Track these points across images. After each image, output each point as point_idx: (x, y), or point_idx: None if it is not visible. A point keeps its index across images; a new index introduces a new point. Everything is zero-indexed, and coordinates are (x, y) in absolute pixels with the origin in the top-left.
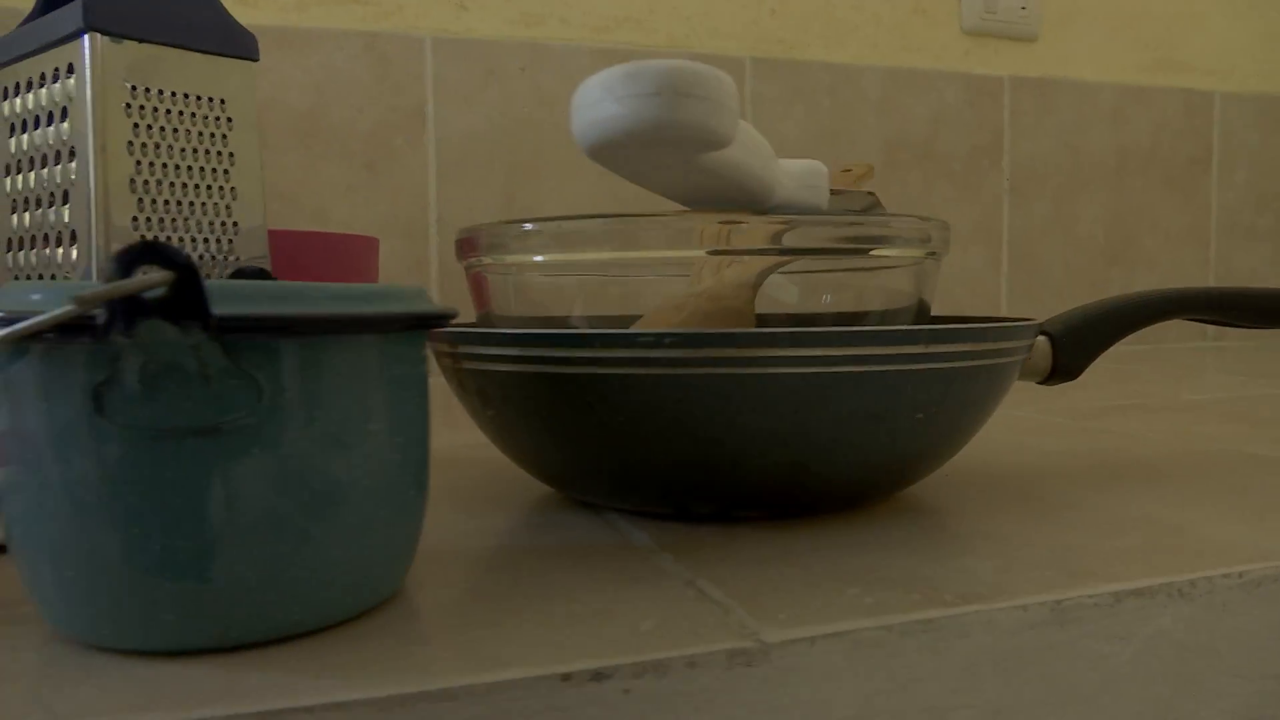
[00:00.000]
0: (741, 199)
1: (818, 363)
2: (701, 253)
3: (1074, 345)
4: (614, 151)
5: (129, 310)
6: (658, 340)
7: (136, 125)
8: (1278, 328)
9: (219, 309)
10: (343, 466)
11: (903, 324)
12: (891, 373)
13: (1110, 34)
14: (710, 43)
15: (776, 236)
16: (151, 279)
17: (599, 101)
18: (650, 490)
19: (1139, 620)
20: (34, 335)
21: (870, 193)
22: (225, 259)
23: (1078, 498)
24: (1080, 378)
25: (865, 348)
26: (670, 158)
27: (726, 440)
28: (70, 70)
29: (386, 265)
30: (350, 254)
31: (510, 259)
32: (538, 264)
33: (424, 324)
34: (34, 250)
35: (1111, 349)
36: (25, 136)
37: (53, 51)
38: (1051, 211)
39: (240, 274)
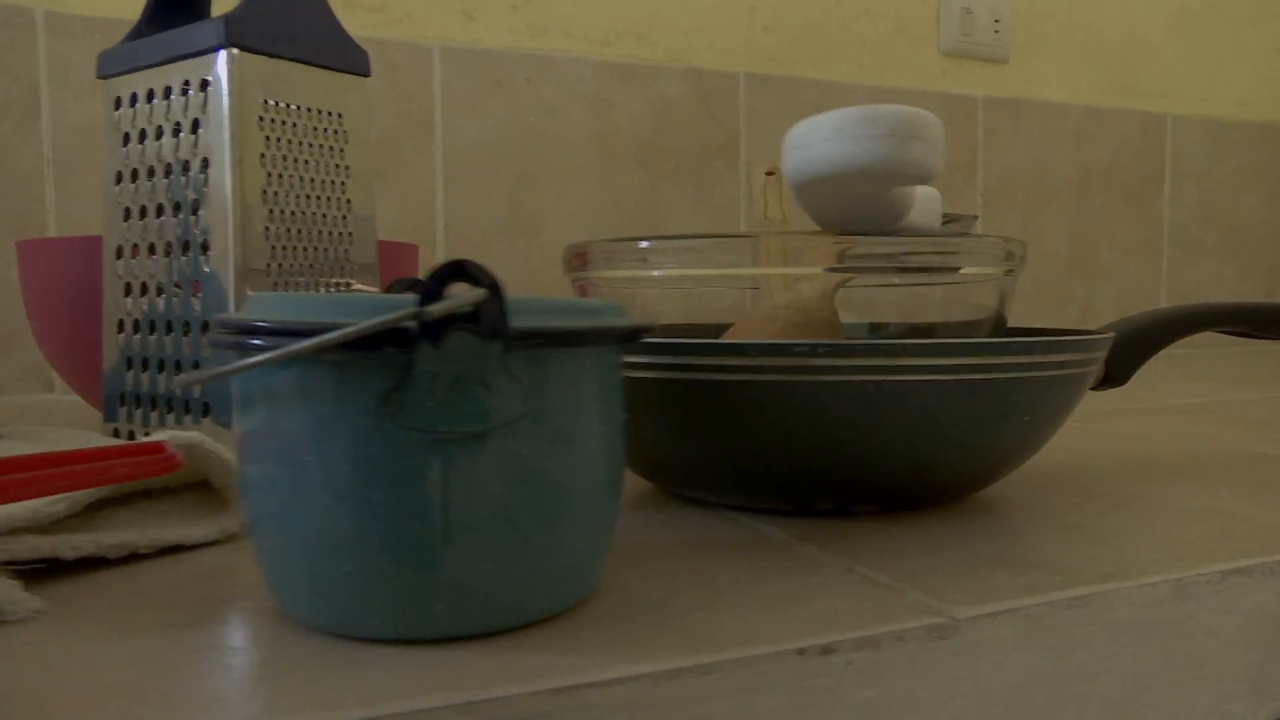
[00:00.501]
0: (883, 223)
1: (950, 371)
2: (819, 270)
3: (1124, 354)
4: (832, 185)
5: (442, 323)
6: (812, 350)
7: (268, 138)
8: None
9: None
10: (575, 466)
11: (983, 334)
12: (1010, 379)
13: (1074, 58)
14: (706, 57)
15: (842, 255)
16: (476, 295)
17: (830, 139)
18: (777, 487)
19: (1242, 595)
20: (331, 347)
21: (975, 216)
22: (342, 265)
23: (1132, 491)
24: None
25: (991, 357)
26: (873, 191)
27: (861, 441)
28: (204, 84)
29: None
30: (392, 260)
31: (620, 273)
32: (655, 279)
33: (635, 336)
34: (151, 257)
35: None
36: (145, 145)
37: (183, 64)
38: (1020, 225)
39: (396, 285)
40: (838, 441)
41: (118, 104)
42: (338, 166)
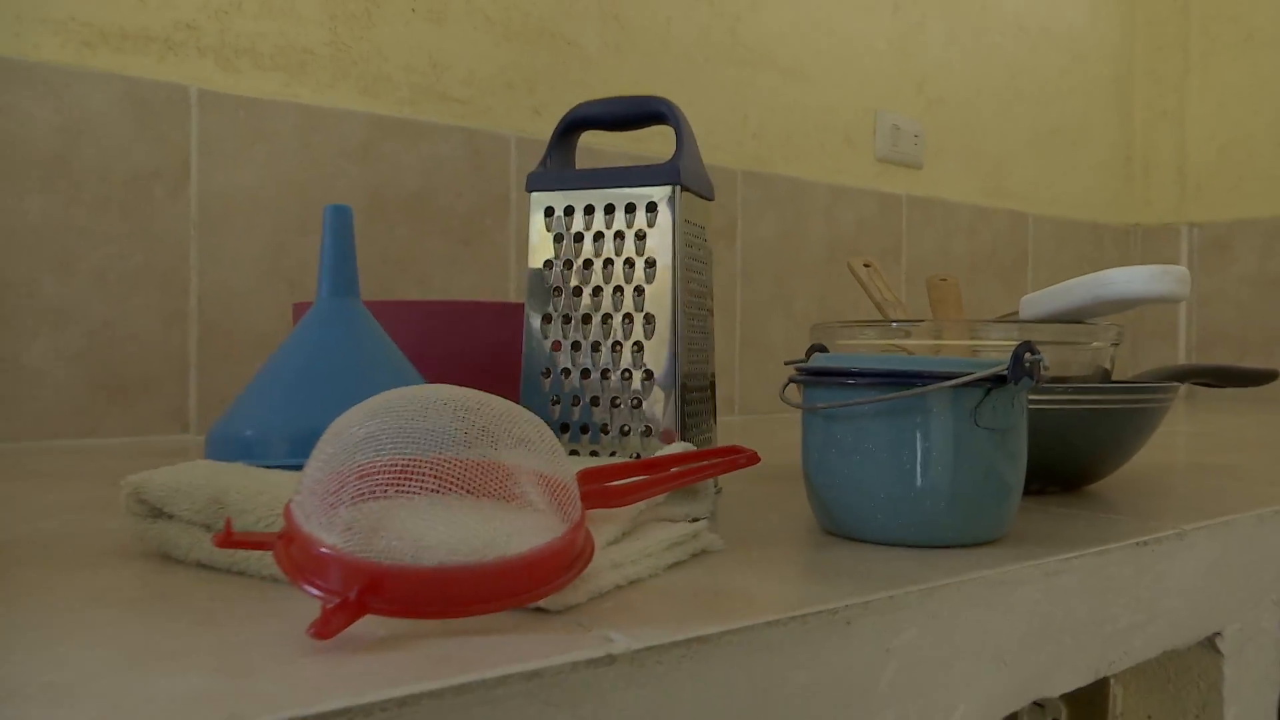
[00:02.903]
0: (1083, 318)
1: (1139, 401)
2: (1004, 342)
3: None
4: (1126, 303)
5: (1022, 372)
6: (1067, 388)
7: (686, 245)
8: (1244, 387)
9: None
10: (1018, 453)
11: (1098, 382)
12: (1157, 407)
13: (964, 167)
14: (711, 155)
15: (1024, 330)
16: (1039, 359)
17: (1149, 281)
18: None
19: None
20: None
21: (1117, 326)
22: (701, 331)
23: (1159, 482)
24: None
25: (1159, 394)
26: (1135, 306)
27: (1073, 445)
28: (651, 205)
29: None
30: (504, 318)
31: (868, 342)
32: (904, 345)
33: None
34: (583, 325)
35: None
36: (582, 244)
37: (632, 190)
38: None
39: (811, 348)
40: (1061, 445)
41: (549, 211)
42: (702, 263)
